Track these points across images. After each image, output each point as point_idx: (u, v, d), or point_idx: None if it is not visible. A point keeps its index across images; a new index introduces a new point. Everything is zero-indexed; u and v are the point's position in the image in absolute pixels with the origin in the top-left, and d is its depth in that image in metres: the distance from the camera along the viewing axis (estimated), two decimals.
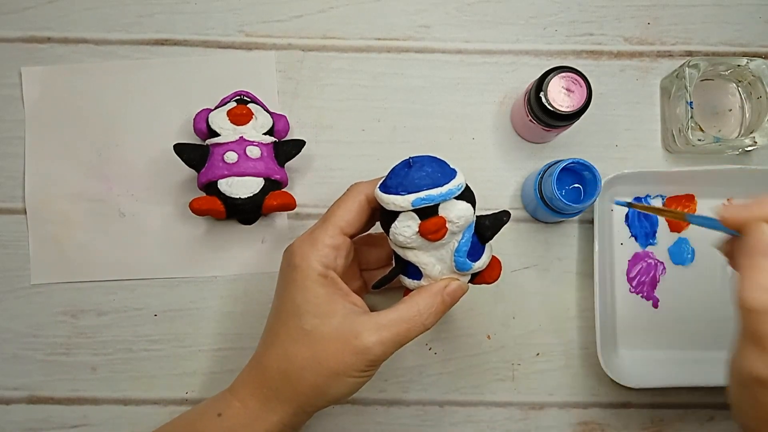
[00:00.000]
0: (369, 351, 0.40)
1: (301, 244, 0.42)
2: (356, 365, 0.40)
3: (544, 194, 0.51)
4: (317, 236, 0.42)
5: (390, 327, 0.40)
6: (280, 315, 0.43)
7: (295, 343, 0.41)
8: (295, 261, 0.42)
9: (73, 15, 0.57)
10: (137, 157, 0.56)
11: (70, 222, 0.55)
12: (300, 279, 0.41)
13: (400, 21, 0.57)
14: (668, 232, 0.56)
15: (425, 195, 0.39)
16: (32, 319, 0.55)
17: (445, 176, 0.40)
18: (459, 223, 0.40)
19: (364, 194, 0.43)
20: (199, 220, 0.55)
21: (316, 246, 0.42)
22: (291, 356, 0.41)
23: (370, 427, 0.55)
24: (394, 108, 0.57)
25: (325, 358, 0.40)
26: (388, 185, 0.40)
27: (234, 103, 0.52)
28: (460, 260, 0.41)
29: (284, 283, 0.43)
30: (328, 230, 0.42)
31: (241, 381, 0.44)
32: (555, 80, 0.48)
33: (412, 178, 0.39)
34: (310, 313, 0.41)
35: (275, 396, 0.42)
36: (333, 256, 0.42)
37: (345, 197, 0.43)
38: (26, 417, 0.54)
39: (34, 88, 0.56)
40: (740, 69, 0.54)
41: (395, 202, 0.39)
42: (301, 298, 0.41)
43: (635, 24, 0.58)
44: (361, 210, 0.43)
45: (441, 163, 0.41)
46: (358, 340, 0.40)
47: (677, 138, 0.55)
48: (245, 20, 0.57)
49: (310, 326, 0.41)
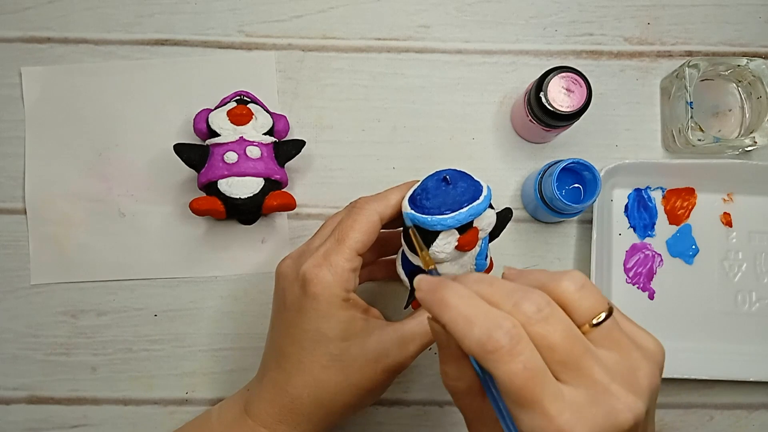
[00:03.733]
0: (399, 366, 0.41)
1: (318, 272, 0.40)
2: (387, 381, 0.42)
3: (544, 194, 0.51)
4: (335, 262, 0.40)
5: (416, 339, 0.41)
6: (302, 343, 0.41)
7: (325, 370, 0.41)
8: (316, 290, 0.40)
9: (73, 15, 0.57)
10: (137, 157, 0.56)
11: (70, 222, 0.55)
12: (324, 308, 0.40)
13: (400, 21, 0.57)
14: (667, 224, 0.56)
15: (468, 211, 0.39)
16: (32, 319, 0.55)
17: (477, 188, 0.40)
18: (488, 230, 0.41)
19: (378, 214, 0.41)
20: (199, 220, 0.55)
21: (336, 273, 0.40)
22: (322, 383, 0.41)
23: (370, 427, 0.55)
24: (394, 108, 0.57)
25: (358, 381, 0.41)
26: (428, 206, 0.39)
27: (234, 103, 0.52)
28: (481, 263, 0.42)
29: (300, 309, 0.41)
30: (345, 254, 0.40)
31: (263, 409, 0.42)
32: (555, 80, 0.48)
33: (453, 195, 0.39)
34: (337, 338, 0.40)
35: (307, 420, 0.42)
36: (352, 279, 0.41)
37: (358, 217, 0.41)
38: (26, 417, 0.54)
39: (34, 88, 0.56)
40: (740, 69, 0.54)
41: (443, 223, 0.39)
42: (326, 326, 0.40)
43: (635, 24, 0.58)
44: (375, 230, 0.42)
45: (465, 175, 0.41)
46: (389, 359, 0.41)
47: (677, 138, 0.55)
48: (245, 20, 0.57)
49: (339, 351, 0.40)
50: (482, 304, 0.29)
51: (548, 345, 0.28)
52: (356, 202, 0.43)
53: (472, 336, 0.28)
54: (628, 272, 0.56)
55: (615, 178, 0.55)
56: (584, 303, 0.30)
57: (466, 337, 0.28)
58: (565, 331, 0.28)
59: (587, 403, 0.28)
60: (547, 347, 0.28)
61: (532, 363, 0.27)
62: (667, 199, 0.56)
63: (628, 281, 0.56)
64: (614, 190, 0.56)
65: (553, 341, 0.28)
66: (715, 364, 0.54)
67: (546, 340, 0.28)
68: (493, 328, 0.27)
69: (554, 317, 0.29)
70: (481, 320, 0.28)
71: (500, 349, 0.27)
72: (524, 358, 0.27)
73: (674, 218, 0.56)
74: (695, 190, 0.56)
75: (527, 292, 0.29)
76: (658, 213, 0.56)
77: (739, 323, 0.55)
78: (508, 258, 0.56)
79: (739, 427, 0.56)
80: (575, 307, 0.29)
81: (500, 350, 0.27)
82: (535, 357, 0.28)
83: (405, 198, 0.41)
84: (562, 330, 0.28)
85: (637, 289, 0.56)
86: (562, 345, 0.28)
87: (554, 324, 0.28)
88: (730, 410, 0.56)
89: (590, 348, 0.29)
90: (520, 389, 0.27)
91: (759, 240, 0.56)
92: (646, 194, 0.56)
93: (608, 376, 0.28)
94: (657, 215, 0.56)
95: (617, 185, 0.56)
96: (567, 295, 0.30)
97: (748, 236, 0.56)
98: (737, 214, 0.56)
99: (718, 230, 0.56)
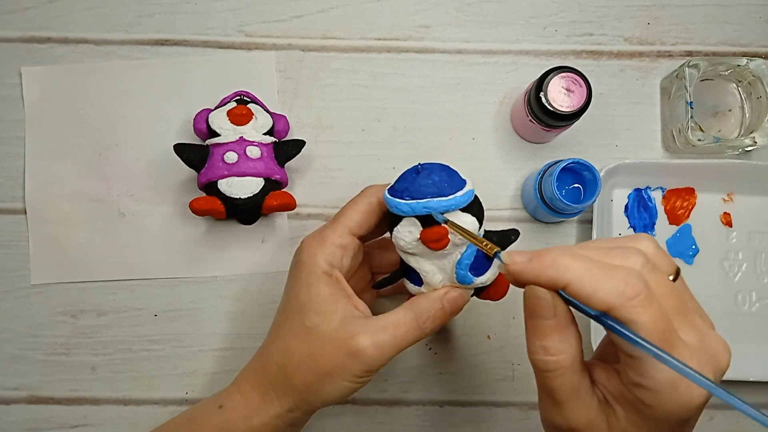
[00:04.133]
0: (363, 353, 0.39)
1: (309, 242, 0.42)
2: (351, 368, 0.40)
3: (544, 194, 0.51)
4: (326, 234, 0.42)
5: (387, 329, 0.40)
6: (285, 310, 0.43)
7: (295, 338, 0.41)
8: (302, 258, 0.42)
9: (73, 15, 0.57)
10: (137, 157, 0.56)
11: (70, 222, 0.55)
12: (305, 276, 0.42)
13: (400, 21, 0.57)
14: (667, 224, 0.56)
15: (426, 203, 0.38)
16: (32, 319, 0.55)
17: (452, 186, 0.39)
18: None
19: (376, 197, 0.43)
20: (199, 220, 0.55)
21: (324, 244, 0.42)
22: (290, 351, 0.42)
23: (370, 427, 0.55)
24: (394, 108, 0.57)
25: (321, 356, 0.40)
26: (395, 189, 0.40)
27: (234, 103, 0.52)
28: (461, 273, 0.41)
29: (291, 279, 0.43)
30: (337, 229, 0.42)
31: (243, 374, 0.45)
32: (555, 80, 0.48)
33: (418, 184, 0.39)
34: (312, 310, 0.41)
35: (273, 389, 0.42)
36: (339, 255, 0.42)
37: (357, 198, 0.43)
38: (26, 417, 0.54)
39: (34, 88, 0.56)
40: (740, 69, 0.54)
41: (397, 207, 0.39)
42: (305, 294, 0.41)
43: (635, 24, 0.58)
44: (372, 212, 0.43)
45: (450, 173, 0.40)
46: (354, 341, 0.39)
47: (677, 138, 0.55)
48: (245, 20, 0.57)
49: (311, 324, 0.41)
50: (598, 258, 0.30)
51: (661, 293, 0.30)
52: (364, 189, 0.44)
53: (607, 287, 0.28)
54: None
55: (615, 178, 0.55)
56: (662, 261, 0.32)
57: (599, 290, 0.29)
58: (669, 282, 0.31)
59: (700, 347, 0.30)
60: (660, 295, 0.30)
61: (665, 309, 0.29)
62: (667, 199, 0.56)
63: None
64: (614, 190, 0.56)
65: (664, 290, 0.30)
66: None
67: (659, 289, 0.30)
68: (627, 276, 0.29)
69: (657, 269, 0.31)
70: (610, 272, 0.29)
71: (639, 294, 0.28)
72: (659, 302, 0.29)
73: (674, 218, 0.56)
74: (695, 190, 0.56)
75: (627, 249, 0.31)
76: (658, 213, 0.56)
77: (739, 323, 0.55)
78: None
79: (739, 427, 0.56)
80: (654, 262, 0.31)
81: (639, 296, 0.28)
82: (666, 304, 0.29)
83: None
84: (665, 281, 0.30)
85: None
86: (671, 293, 0.30)
87: (660, 275, 0.30)
88: (730, 410, 0.56)
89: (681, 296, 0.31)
90: (663, 332, 0.28)
91: (759, 240, 0.56)
92: (646, 194, 0.56)
93: (703, 322, 0.31)
94: (657, 215, 0.56)
95: (617, 185, 0.56)
96: (648, 251, 0.31)
97: (748, 236, 0.56)
98: (737, 214, 0.56)
99: (718, 230, 0.56)
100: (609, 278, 0.29)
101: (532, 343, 0.32)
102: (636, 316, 0.28)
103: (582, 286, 0.29)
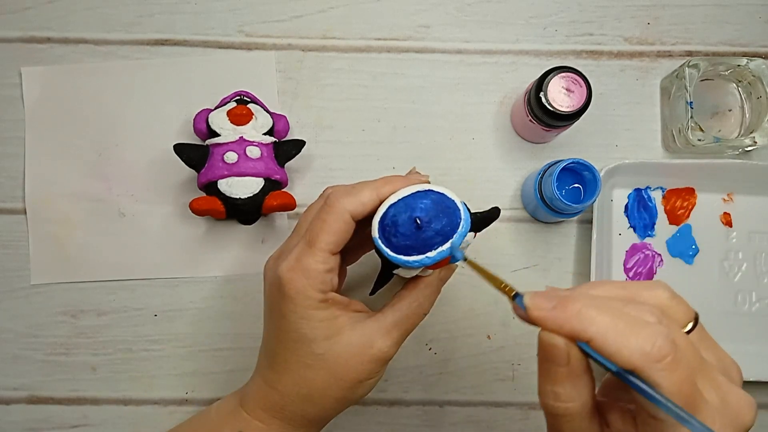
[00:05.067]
0: (386, 355, 0.41)
1: (291, 275, 0.39)
2: (375, 370, 0.42)
3: (544, 194, 0.51)
4: (308, 265, 0.39)
5: (398, 326, 0.41)
6: (286, 343, 0.41)
7: (310, 369, 0.41)
8: (290, 293, 0.39)
9: (73, 15, 0.57)
10: (137, 157, 0.56)
11: (70, 222, 0.55)
12: (300, 309, 0.40)
13: (400, 21, 0.57)
14: (667, 224, 0.56)
15: (438, 254, 0.37)
16: (32, 319, 0.55)
17: (453, 225, 0.37)
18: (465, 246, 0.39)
19: (349, 213, 0.39)
20: (199, 220, 0.55)
21: (310, 276, 0.39)
22: (309, 381, 0.41)
23: (370, 427, 0.55)
24: (394, 108, 0.57)
25: (345, 373, 0.41)
26: (394, 244, 0.38)
27: (234, 103, 0.52)
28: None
29: (280, 312, 0.41)
30: (318, 256, 0.39)
31: (256, 403, 0.43)
32: (555, 80, 0.48)
33: (423, 240, 0.37)
34: (318, 338, 0.40)
35: (301, 416, 0.43)
36: (329, 279, 0.40)
37: (328, 217, 0.39)
38: (26, 417, 0.54)
39: (34, 88, 0.56)
40: (740, 69, 0.54)
41: (410, 264, 0.38)
42: (305, 327, 0.40)
43: (635, 24, 0.58)
44: (348, 230, 0.40)
45: (445, 208, 0.38)
46: (374, 348, 0.41)
47: (677, 138, 0.55)
48: (245, 20, 0.57)
49: (323, 349, 0.40)
50: (626, 313, 0.28)
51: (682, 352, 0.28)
52: (329, 196, 0.40)
53: (633, 346, 0.27)
54: (628, 272, 0.56)
55: (615, 178, 0.55)
56: (677, 310, 0.30)
57: (624, 348, 0.27)
58: (686, 338, 0.29)
59: (722, 406, 0.29)
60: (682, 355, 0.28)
61: (690, 370, 0.28)
62: (667, 199, 0.56)
63: None
64: (614, 190, 0.56)
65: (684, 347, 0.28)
66: None
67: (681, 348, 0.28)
68: (653, 336, 0.27)
69: (674, 326, 0.29)
70: (636, 329, 0.28)
71: (666, 357, 0.27)
72: (684, 365, 0.27)
73: (674, 218, 0.56)
74: (695, 190, 0.56)
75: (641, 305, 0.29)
76: (658, 213, 0.56)
77: (739, 323, 0.55)
78: (508, 258, 0.56)
79: None
80: (670, 314, 0.30)
81: (666, 359, 0.27)
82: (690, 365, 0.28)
83: (375, 217, 0.39)
84: (684, 338, 0.29)
85: None
86: (690, 349, 0.29)
87: (677, 332, 0.29)
88: None
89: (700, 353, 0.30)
90: (688, 396, 0.27)
91: (759, 240, 0.56)
92: (646, 194, 0.56)
93: (723, 377, 0.29)
94: (657, 215, 0.56)
95: (617, 185, 0.56)
96: (662, 303, 0.30)
97: (748, 236, 0.56)
98: (737, 214, 0.56)
99: (718, 230, 0.56)
100: (635, 336, 0.27)
101: (543, 387, 0.31)
102: (661, 379, 0.27)
103: (606, 342, 0.28)
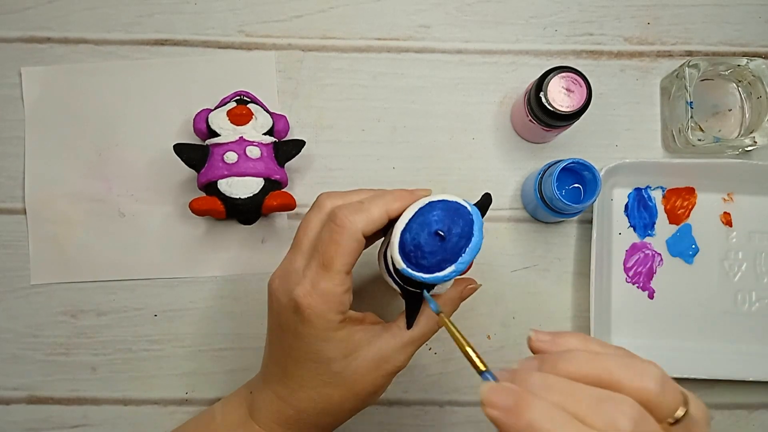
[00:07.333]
0: (400, 368, 0.42)
1: (309, 301, 0.39)
2: (388, 382, 0.43)
3: (544, 194, 0.51)
4: (326, 289, 0.39)
5: (415, 342, 0.42)
6: (303, 363, 0.41)
7: (327, 386, 0.41)
8: (309, 318, 0.39)
9: (73, 15, 0.57)
10: (137, 157, 0.56)
11: (70, 222, 0.55)
12: (321, 333, 0.40)
13: (400, 21, 0.57)
14: (667, 224, 0.56)
15: (468, 256, 0.37)
16: (32, 319, 0.55)
17: (468, 223, 0.38)
18: None
19: (361, 232, 0.39)
20: (199, 220, 0.55)
21: (329, 300, 0.39)
22: (327, 396, 0.42)
23: (370, 427, 0.55)
24: (394, 108, 0.57)
25: (362, 388, 0.41)
26: (427, 265, 0.37)
27: (234, 103, 0.52)
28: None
29: (296, 332, 0.40)
30: (335, 279, 0.39)
31: (269, 417, 0.43)
32: (555, 80, 0.48)
33: (451, 247, 0.37)
34: (337, 357, 0.40)
35: (315, 427, 0.43)
36: (346, 300, 0.40)
37: (341, 239, 0.39)
38: (26, 417, 0.54)
39: (34, 88, 0.56)
40: (740, 69, 0.54)
41: (446, 278, 0.38)
42: (325, 347, 0.40)
43: (635, 24, 0.58)
44: (360, 248, 0.40)
45: (457, 212, 0.38)
46: (390, 364, 0.41)
47: (677, 138, 0.55)
48: (245, 20, 0.57)
49: (340, 368, 0.41)
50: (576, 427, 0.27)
51: None
52: (336, 215, 0.39)
53: None
54: (628, 272, 0.56)
55: (615, 177, 0.55)
56: (665, 400, 0.29)
57: None
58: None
59: None
60: None
61: None
62: (667, 198, 0.56)
63: (628, 281, 0.56)
64: (614, 190, 0.56)
65: None
66: (715, 364, 0.54)
67: None
68: None
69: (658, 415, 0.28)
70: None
71: None
72: None
73: (674, 218, 0.56)
74: (695, 190, 0.56)
75: (618, 402, 0.27)
76: (658, 212, 0.56)
77: (739, 323, 0.55)
78: (508, 258, 0.56)
79: (739, 427, 0.56)
80: (656, 404, 0.28)
81: None
82: None
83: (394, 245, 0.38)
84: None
85: (637, 288, 0.56)
86: None
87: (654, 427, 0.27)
88: (730, 410, 0.56)
89: None
90: None
91: (759, 240, 0.56)
92: (646, 194, 0.56)
93: None
94: (657, 215, 0.56)
95: (617, 185, 0.56)
96: (649, 394, 0.28)
97: (748, 236, 0.56)
98: (737, 213, 0.56)
99: (718, 230, 0.56)
100: None
101: None
102: None
103: None
